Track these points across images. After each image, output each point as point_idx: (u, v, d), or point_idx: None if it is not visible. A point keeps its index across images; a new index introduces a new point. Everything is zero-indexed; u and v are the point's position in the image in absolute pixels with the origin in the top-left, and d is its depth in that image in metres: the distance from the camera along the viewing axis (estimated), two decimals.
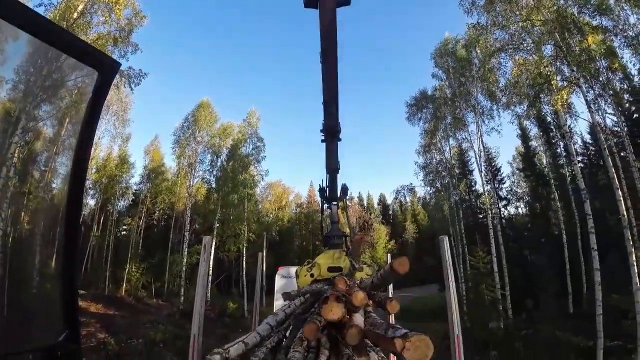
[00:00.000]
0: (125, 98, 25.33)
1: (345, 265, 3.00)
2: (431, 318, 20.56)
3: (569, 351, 11.31)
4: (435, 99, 22.70)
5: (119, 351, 12.96)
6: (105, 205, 29.06)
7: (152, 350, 13.52)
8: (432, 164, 24.42)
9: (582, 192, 13.28)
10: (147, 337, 14.91)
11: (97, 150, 25.14)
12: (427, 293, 30.29)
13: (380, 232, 44.07)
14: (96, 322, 17.27)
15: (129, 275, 26.05)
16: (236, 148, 26.44)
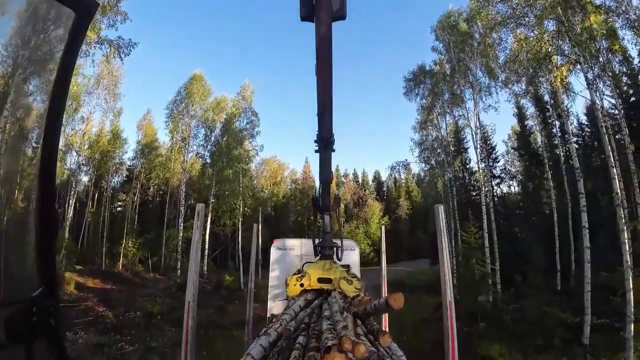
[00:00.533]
0: (116, 72, 24.73)
1: (335, 277, 3.03)
2: (423, 291, 21.23)
3: (555, 326, 11.68)
4: (433, 74, 22.40)
5: (117, 324, 13.21)
6: (99, 181, 28.94)
7: (150, 322, 13.80)
8: (428, 141, 24.39)
9: (576, 170, 13.39)
10: (144, 310, 15.19)
11: (88, 125, 24.70)
12: (419, 267, 31.04)
13: (374, 208, 44.65)
14: (94, 296, 17.53)
15: (126, 250, 26.27)
16: (230, 122, 26.00)
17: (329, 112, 2.98)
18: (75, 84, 21.19)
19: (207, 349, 10.75)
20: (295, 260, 5.82)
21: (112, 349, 10.79)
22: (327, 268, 3.11)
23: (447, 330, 2.56)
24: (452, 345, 2.54)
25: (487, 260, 16.24)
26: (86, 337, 11.49)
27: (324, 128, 3.10)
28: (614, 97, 15.55)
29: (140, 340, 11.58)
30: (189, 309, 2.63)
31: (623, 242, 9.41)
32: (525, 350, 10.68)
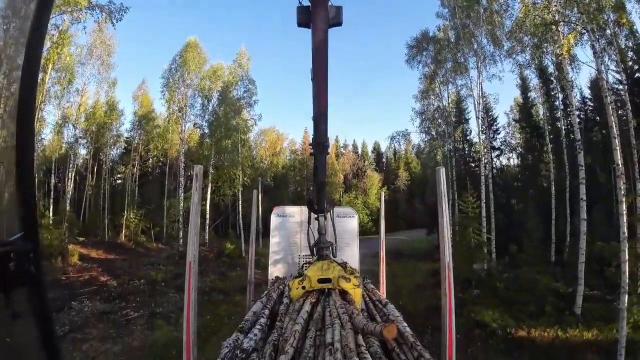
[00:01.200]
0: (109, 40, 23.99)
1: (334, 275, 3.17)
2: (418, 259, 21.79)
3: (548, 294, 12.01)
4: (437, 41, 21.73)
5: (122, 292, 13.53)
6: (98, 154, 28.80)
7: (154, 289, 14.16)
8: (429, 111, 24.04)
9: (577, 143, 13.32)
10: (148, 278, 15.53)
11: (84, 97, 24.27)
12: (415, 237, 31.67)
13: (373, 179, 44.90)
14: (98, 266, 17.91)
15: (128, 221, 26.57)
16: (227, 91, 25.46)
17: (324, 117, 3.01)
18: (68, 55, 20.64)
19: (210, 313, 11.12)
20: (295, 227, 5.89)
21: (118, 315, 11.07)
22: (325, 268, 3.26)
23: (445, 291, 2.62)
24: (449, 305, 2.61)
25: (484, 229, 16.49)
26: (91, 305, 11.76)
27: (319, 133, 3.15)
28: (619, 72, 15.29)
29: (145, 307, 11.90)
30: (190, 269, 2.68)
31: (621, 214, 9.47)
32: (517, 316, 11.02)
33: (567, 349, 9.11)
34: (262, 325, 2.71)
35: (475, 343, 9.65)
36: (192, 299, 2.66)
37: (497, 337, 9.93)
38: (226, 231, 28.24)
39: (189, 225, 2.78)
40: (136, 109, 30.17)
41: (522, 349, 9.37)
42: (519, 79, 23.02)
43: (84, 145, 27.68)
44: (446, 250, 2.70)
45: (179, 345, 8.00)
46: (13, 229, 0.90)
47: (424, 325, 9.46)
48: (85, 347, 8.40)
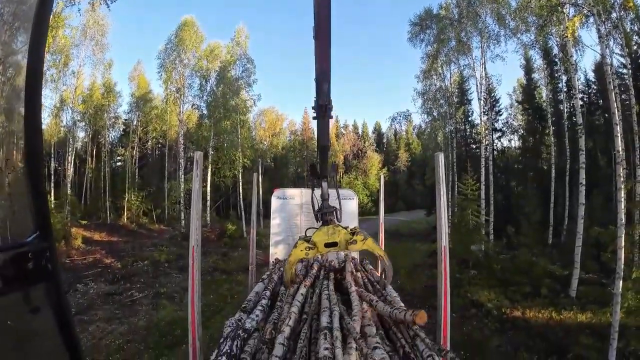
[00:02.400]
0: (102, 21, 23.46)
1: (341, 239, 3.17)
2: (417, 239, 22.08)
3: (544, 277, 12.18)
4: (440, 19, 21.26)
5: (126, 273, 13.74)
6: (97, 136, 28.67)
7: (158, 270, 14.40)
8: (431, 91, 23.76)
9: (579, 127, 13.22)
10: (151, 259, 15.76)
11: (80, 79, 23.94)
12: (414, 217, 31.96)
13: (373, 159, 44.89)
14: (101, 249, 18.10)
15: (129, 203, 26.74)
16: (225, 71, 25.04)
17: (327, 78, 2.92)
18: (62, 37, 20.26)
19: (213, 292, 11.37)
20: (295, 209, 5.96)
21: (123, 296, 11.27)
22: (332, 233, 3.24)
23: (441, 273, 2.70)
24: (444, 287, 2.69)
25: (482, 211, 16.60)
26: (96, 287, 11.97)
27: (322, 95, 3.02)
28: (623, 56, 15.05)
29: (149, 287, 12.12)
30: (193, 253, 2.75)
31: (619, 200, 9.48)
32: (513, 297, 11.21)
33: (561, 330, 9.32)
34: (264, 306, 2.80)
35: (470, 322, 9.90)
36: (196, 282, 2.75)
37: (492, 317, 10.16)
38: (227, 212, 28.50)
39: (191, 211, 2.83)
40: (133, 90, 29.82)
41: (516, 328, 9.61)
42: (523, 59, 22.69)
43: (82, 128, 27.52)
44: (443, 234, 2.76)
45: (183, 324, 8.23)
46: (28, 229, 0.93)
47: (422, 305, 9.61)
48: (92, 329, 8.60)
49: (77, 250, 17.46)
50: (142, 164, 30.76)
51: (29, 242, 0.91)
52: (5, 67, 1.14)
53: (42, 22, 1.00)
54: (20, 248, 0.90)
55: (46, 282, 0.95)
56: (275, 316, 2.69)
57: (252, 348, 2.26)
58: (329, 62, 2.77)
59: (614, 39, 15.10)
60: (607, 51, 13.55)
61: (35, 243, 0.91)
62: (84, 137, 28.67)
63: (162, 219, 27.64)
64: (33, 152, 0.97)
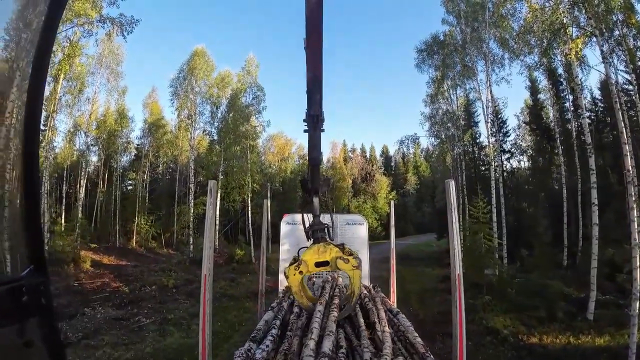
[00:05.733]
0: (118, 50, 24.55)
1: (332, 257, 3.05)
2: (427, 264, 21.63)
3: (560, 300, 11.82)
4: (445, 45, 21.74)
5: (133, 298, 13.62)
6: (109, 161, 29.30)
7: (165, 295, 14.26)
8: (438, 115, 23.99)
9: (588, 146, 13.13)
10: (159, 284, 15.64)
11: (94, 105, 24.76)
12: (424, 241, 31.50)
13: (381, 183, 44.73)
14: (110, 272, 18.08)
15: (139, 227, 26.92)
16: (236, 98, 25.75)
17: (318, 88, 2.91)
18: (79, 65, 21.13)
19: (221, 318, 11.17)
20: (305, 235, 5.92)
21: (130, 321, 11.10)
22: (322, 251, 3.13)
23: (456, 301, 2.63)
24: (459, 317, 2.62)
25: (495, 234, 16.30)
26: (104, 312, 11.84)
27: (313, 105, 3.00)
28: (628, 72, 15.11)
29: (156, 313, 11.97)
30: (205, 282, 2.74)
31: (632, 220, 9.31)
32: (529, 322, 10.85)
33: (578, 356, 8.95)
34: (274, 336, 2.74)
35: (486, 350, 9.53)
36: (207, 311, 2.72)
37: (509, 344, 9.79)
38: (236, 236, 28.43)
39: (204, 239, 2.82)
40: (146, 117, 30.69)
41: (533, 355, 9.23)
42: (528, 80, 22.91)
43: (95, 153, 28.26)
44: (457, 262, 2.71)
45: (190, 351, 8.08)
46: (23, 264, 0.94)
47: (434, 332, 9.37)
48: (98, 354, 8.46)
49: (85, 273, 17.46)
50: (152, 188, 31.19)
51: (24, 277, 0.91)
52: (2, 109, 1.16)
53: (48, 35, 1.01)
54: (15, 282, 0.89)
55: (40, 316, 0.94)
56: (286, 347, 2.64)
57: None
58: (320, 71, 2.78)
59: (618, 56, 15.21)
60: (611, 70, 13.63)
61: (30, 277, 0.91)
62: (96, 161, 29.36)
63: (171, 243, 27.68)
64: (30, 185, 0.97)
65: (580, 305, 11.59)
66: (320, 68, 2.74)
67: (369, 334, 2.63)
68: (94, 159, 28.94)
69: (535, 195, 23.19)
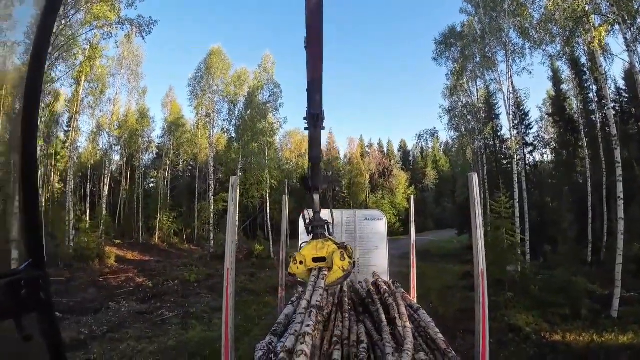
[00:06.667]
0: (137, 51, 25.15)
1: (328, 254, 3.18)
2: (448, 260, 21.31)
3: (583, 297, 11.50)
4: (464, 36, 21.22)
5: (157, 292, 14.00)
6: (131, 159, 30.20)
7: (187, 290, 14.60)
8: (458, 107, 23.46)
9: (613, 138, 12.62)
10: (181, 279, 16.03)
11: (116, 106, 25.53)
12: (444, 237, 31.00)
13: (400, 178, 44.12)
14: (134, 268, 18.70)
15: (161, 224, 27.68)
16: (253, 96, 26.04)
17: (319, 87, 2.96)
18: (100, 67, 21.75)
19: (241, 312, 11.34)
20: None
21: (153, 315, 11.40)
22: (320, 247, 3.26)
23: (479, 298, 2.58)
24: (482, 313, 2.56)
25: (517, 230, 15.90)
26: (128, 306, 12.22)
27: (313, 104, 3.07)
28: None
29: (179, 307, 12.26)
30: (227, 276, 2.79)
31: None
32: (552, 319, 10.60)
33: (602, 353, 8.70)
34: None
35: (508, 348, 9.35)
36: (230, 304, 2.77)
37: (531, 342, 9.58)
38: (255, 232, 28.80)
39: (227, 234, 2.88)
40: (166, 116, 31.40)
41: (556, 353, 9.01)
42: (550, 71, 22.08)
43: (117, 152, 29.23)
44: (480, 257, 2.65)
45: (211, 344, 8.24)
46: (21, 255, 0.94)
47: (454, 329, 9.25)
48: (122, 347, 8.73)
49: (110, 268, 18.10)
50: (173, 185, 32.01)
51: (22, 270, 0.90)
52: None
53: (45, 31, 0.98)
54: (13, 276, 0.88)
55: (39, 310, 0.93)
56: None
57: None
58: (320, 71, 2.83)
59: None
60: (635, 58, 13.02)
61: (28, 271, 0.90)
62: (119, 160, 30.32)
63: (192, 239, 28.35)
64: (28, 178, 0.96)
65: (604, 303, 11.26)
66: (320, 68, 2.81)
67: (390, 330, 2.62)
68: (116, 158, 29.93)
69: (558, 189, 22.47)
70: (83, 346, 8.62)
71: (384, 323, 2.72)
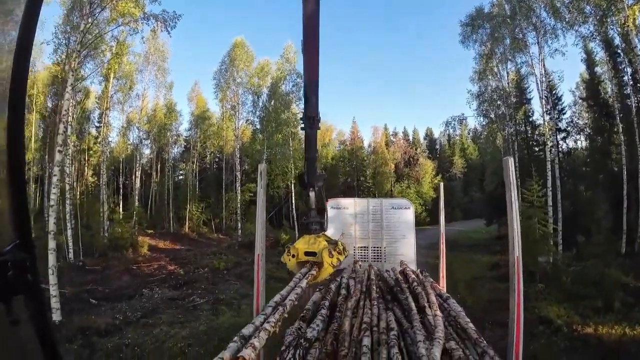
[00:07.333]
0: (162, 47, 25.72)
1: (319, 249, 3.30)
2: (476, 251, 20.82)
3: (617, 289, 11.00)
4: (492, 17, 20.27)
5: (187, 280, 14.53)
6: (160, 153, 31.28)
7: (217, 277, 15.06)
8: (487, 92, 22.51)
9: None
10: (211, 266, 16.56)
11: (144, 101, 26.39)
12: (472, 227, 30.25)
13: (426, 167, 43.07)
14: (165, 256, 19.48)
15: (190, 214, 28.61)
16: (276, 86, 26.24)
17: (315, 91, 3.06)
18: (127, 64, 22.40)
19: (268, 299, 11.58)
20: (349, 219, 5.92)
21: (185, 301, 11.86)
22: (312, 242, 3.42)
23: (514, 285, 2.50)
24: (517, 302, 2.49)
25: (550, 219, 15.28)
26: (160, 293, 12.78)
27: (310, 106, 3.22)
28: None
29: (209, 294, 12.68)
30: (258, 261, 2.85)
31: None
32: (583, 312, 10.25)
33: (635, 347, 8.38)
34: (323, 316, 2.80)
35: (538, 340, 9.10)
36: (261, 289, 2.84)
37: (562, 334, 9.29)
38: (280, 222, 29.20)
39: (256, 221, 2.95)
40: (192, 110, 32.20)
41: (587, 346, 8.70)
42: (583, 52, 20.76)
43: (147, 146, 30.27)
44: (516, 244, 2.56)
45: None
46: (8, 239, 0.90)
47: (483, 320, 9.09)
48: (155, 332, 9.13)
49: (143, 257, 18.92)
50: (201, 177, 32.97)
51: (8, 251, 0.87)
52: None
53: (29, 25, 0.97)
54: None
55: (27, 293, 0.91)
56: (336, 327, 2.68)
57: (314, 358, 2.26)
58: (317, 75, 2.91)
59: None
60: None
61: (14, 253, 0.87)
62: (149, 154, 31.42)
63: (221, 229, 29.20)
64: (15, 158, 0.93)
65: (638, 295, 10.79)
66: (316, 72, 2.92)
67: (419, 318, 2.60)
68: (146, 152, 31.04)
69: (593, 177, 21.30)
70: (118, 331, 9.08)
71: (413, 311, 2.70)
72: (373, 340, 2.41)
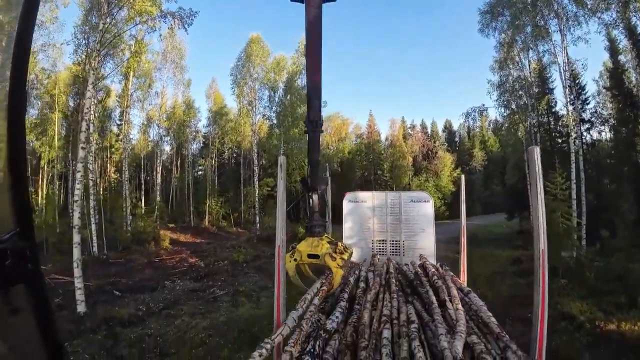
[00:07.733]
0: (180, 45, 26.10)
1: (322, 252, 3.34)
2: (496, 245, 20.40)
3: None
4: (513, 4, 19.58)
5: (208, 272, 14.86)
6: (180, 149, 31.98)
7: (236, 269, 15.34)
8: (508, 82, 21.81)
9: None
10: (230, 259, 16.89)
11: (164, 99, 26.91)
12: (492, 221, 29.67)
13: (445, 160, 42.30)
14: (186, 249, 20.01)
15: (210, 208, 29.25)
16: (292, 81, 26.33)
17: (317, 94, 3.11)
18: (146, 62, 22.82)
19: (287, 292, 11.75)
20: (367, 212, 5.89)
21: (205, 293, 12.12)
22: (315, 245, 3.46)
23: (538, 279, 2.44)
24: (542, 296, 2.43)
25: (574, 213, 14.81)
26: (182, 284, 13.12)
27: (313, 109, 3.22)
28: None
29: (229, 285, 12.93)
30: (279, 252, 2.89)
31: None
32: (607, 308, 9.94)
33: None
34: (343, 308, 2.82)
35: (560, 336, 8.90)
36: (281, 279, 2.88)
37: (584, 330, 9.06)
38: (297, 215, 29.42)
39: (277, 212, 2.98)
40: (210, 106, 32.70)
41: (610, 342, 8.45)
42: (606, 40, 19.83)
43: (167, 142, 31.06)
44: (541, 236, 2.50)
45: (260, 321, 8.62)
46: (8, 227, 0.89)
47: (504, 315, 8.94)
48: (177, 322, 9.39)
49: (165, 250, 19.45)
50: (220, 172, 33.60)
51: (7, 239, 0.86)
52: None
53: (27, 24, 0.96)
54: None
55: (27, 282, 0.90)
56: (355, 319, 2.69)
57: (334, 349, 2.29)
58: (319, 79, 2.93)
59: None
60: None
61: (14, 241, 0.86)
62: (169, 150, 32.22)
63: (239, 222, 29.75)
64: (15, 147, 0.92)
65: None
66: (319, 76, 2.92)
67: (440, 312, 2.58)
68: (167, 149, 31.78)
69: (617, 169, 20.44)
70: (141, 322, 9.37)
71: (434, 305, 2.68)
72: (393, 332, 2.42)
